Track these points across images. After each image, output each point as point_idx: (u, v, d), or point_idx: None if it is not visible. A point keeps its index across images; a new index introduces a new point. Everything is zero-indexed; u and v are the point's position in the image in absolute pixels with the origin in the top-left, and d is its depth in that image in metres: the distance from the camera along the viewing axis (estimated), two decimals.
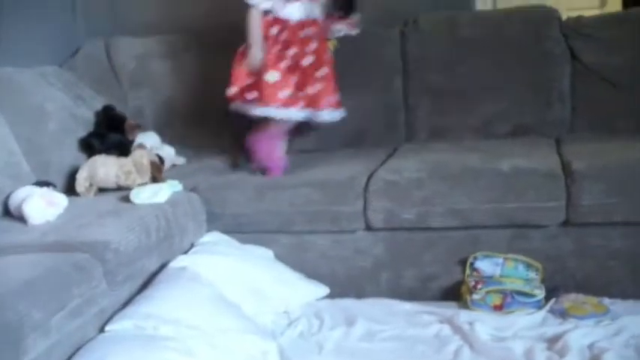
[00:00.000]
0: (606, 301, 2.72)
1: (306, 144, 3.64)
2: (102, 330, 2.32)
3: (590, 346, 2.41)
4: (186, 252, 2.91)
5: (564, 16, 3.71)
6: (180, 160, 3.69)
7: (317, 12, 3.32)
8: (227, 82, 3.28)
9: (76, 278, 2.25)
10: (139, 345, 2.19)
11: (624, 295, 2.77)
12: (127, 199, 2.92)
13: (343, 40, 3.45)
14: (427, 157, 3.22)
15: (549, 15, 3.66)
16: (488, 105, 3.49)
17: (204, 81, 3.93)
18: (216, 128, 3.83)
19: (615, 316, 2.61)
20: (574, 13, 3.78)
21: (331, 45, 3.37)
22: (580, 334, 2.48)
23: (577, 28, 3.59)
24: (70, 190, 3.12)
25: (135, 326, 2.31)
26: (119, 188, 3.11)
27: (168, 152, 3.62)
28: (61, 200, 2.85)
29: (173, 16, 4.18)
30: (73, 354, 2.16)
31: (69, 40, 4.18)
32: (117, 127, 3.54)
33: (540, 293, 2.78)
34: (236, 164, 3.47)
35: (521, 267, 2.90)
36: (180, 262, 2.75)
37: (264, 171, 3.28)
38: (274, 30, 3.25)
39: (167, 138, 3.75)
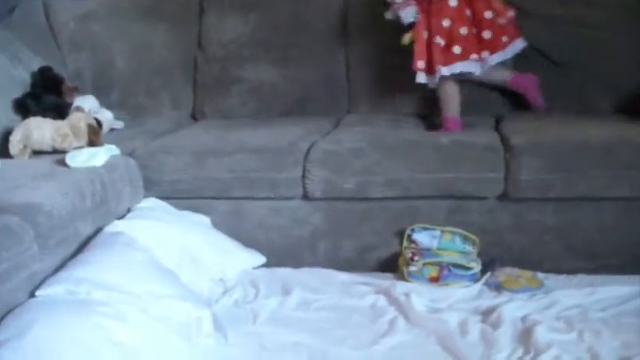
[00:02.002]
0: (540, 275, 2.76)
1: (249, 110, 3.62)
2: (32, 295, 2.27)
3: (523, 319, 2.44)
4: (122, 217, 2.86)
5: None
6: (119, 125, 3.63)
7: None
8: (166, 46, 3.21)
9: (4, 242, 2.18)
10: (70, 309, 2.14)
11: (558, 270, 2.81)
12: (62, 163, 2.85)
13: (285, 9, 3.43)
14: (368, 128, 3.22)
15: None
16: None
17: (144, 45, 3.87)
18: (155, 93, 3.78)
19: (548, 290, 2.66)
20: None
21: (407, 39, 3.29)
22: (514, 307, 2.52)
23: (522, 3, 3.60)
24: (3, 152, 3.04)
25: (67, 291, 2.26)
26: (54, 151, 3.04)
27: (107, 116, 3.55)
28: None
29: None
30: (2, 319, 2.10)
31: None
32: (54, 89, 3.45)
33: (476, 266, 2.81)
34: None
35: (458, 240, 2.92)
36: (115, 227, 2.70)
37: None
38: None
39: (106, 102, 3.68)
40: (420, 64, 3.24)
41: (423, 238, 2.91)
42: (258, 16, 3.72)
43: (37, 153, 3.08)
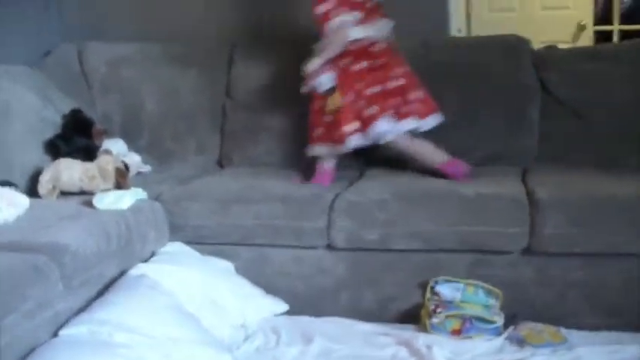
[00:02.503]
0: (563, 330, 2.74)
1: (274, 159, 3.65)
2: (56, 334, 2.29)
3: None
4: (146, 260, 2.88)
5: (537, 48, 3.75)
6: (146, 168, 3.67)
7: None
8: (194, 93, 3.25)
9: (31, 280, 2.22)
10: (91, 351, 2.16)
11: (581, 326, 2.78)
12: (89, 204, 2.89)
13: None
14: (393, 179, 3.23)
15: (521, 45, 3.69)
16: (458, 132, 3.50)
17: (173, 90, 3.93)
18: (183, 138, 3.82)
19: (572, 346, 2.63)
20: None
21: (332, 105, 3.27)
22: None
23: (548, 59, 3.63)
24: (32, 191, 3.08)
25: (89, 332, 2.28)
26: (82, 192, 3.08)
27: (135, 160, 3.60)
28: (22, 201, 2.82)
29: (147, 24, 4.17)
30: (25, 357, 2.12)
31: (41, 41, 4.15)
32: (84, 131, 3.50)
33: (499, 320, 2.79)
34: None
35: (481, 293, 2.91)
36: (139, 269, 2.72)
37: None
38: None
39: (134, 145, 3.73)
40: (349, 127, 3.17)
41: (446, 290, 2.90)
42: (285, 66, 3.74)
43: (65, 194, 3.12)
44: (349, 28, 3.20)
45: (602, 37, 5.43)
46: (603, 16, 5.59)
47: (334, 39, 3.22)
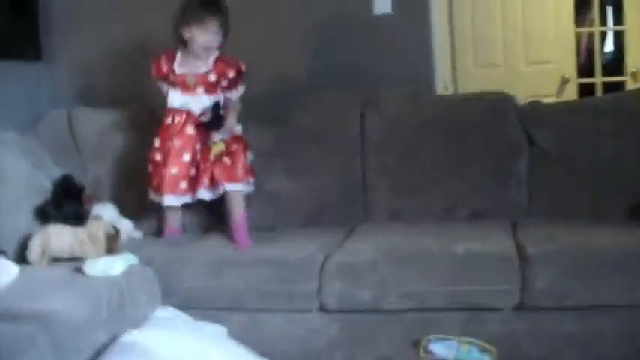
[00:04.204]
0: None
1: (264, 221, 3.65)
2: None
3: None
4: (138, 326, 2.85)
5: (523, 102, 3.80)
6: (137, 234, 3.65)
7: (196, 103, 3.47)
8: None
9: (21, 349, 2.20)
10: None
11: None
12: (80, 270, 2.88)
13: (304, 116, 3.50)
14: (383, 238, 3.23)
15: (506, 101, 3.76)
16: (447, 188, 3.53)
17: None
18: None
19: None
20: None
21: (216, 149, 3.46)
22: None
23: (534, 114, 3.67)
24: (22, 258, 3.07)
25: None
26: (73, 259, 3.07)
27: (126, 225, 3.58)
28: (12, 269, 2.80)
29: (137, 90, 4.20)
30: None
31: (32, 107, 4.19)
32: (74, 198, 3.50)
33: None
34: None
35: (475, 350, 2.89)
36: (131, 336, 2.69)
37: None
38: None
39: (125, 211, 3.73)
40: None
41: (440, 348, 2.88)
42: (276, 129, 3.79)
43: (55, 260, 3.10)
44: None
45: (587, 89, 5.50)
46: (587, 68, 5.68)
47: None
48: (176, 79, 3.50)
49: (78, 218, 3.32)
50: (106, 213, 3.50)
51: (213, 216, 3.60)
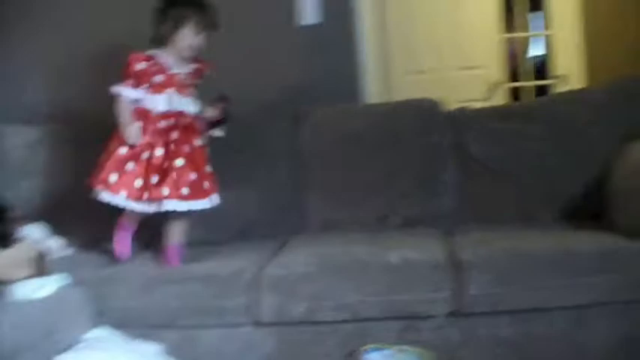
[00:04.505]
0: None
1: (195, 236, 3.62)
2: None
3: None
4: (71, 348, 2.80)
5: (452, 108, 3.85)
6: (70, 252, 3.59)
7: (186, 105, 3.36)
8: None
9: None
10: None
11: None
12: (8, 294, 2.81)
13: (234, 130, 3.49)
14: (316, 250, 3.23)
15: (434, 107, 3.80)
16: (378, 197, 3.55)
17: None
18: (107, 220, 3.76)
19: None
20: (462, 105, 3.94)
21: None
22: None
23: (462, 120, 3.71)
24: None
25: None
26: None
27: (58, 244, 3.52)
28: None
29: (64, 105, 4.15)
30: None
31: None
32: None
33: None
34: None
35: (413, 358, 2.90)
36: (63, 359, 2.64)
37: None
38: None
39: (57, 229, 3.66)
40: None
41: (377, 358, 2.89)
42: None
43: None
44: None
45: (518, 92, 5.60)
46: (517, 72, 5.79)
47: None
48: (173, 79, 3.33)
49: (2, 239, 3.24)
50: (37, 232, 3.43)
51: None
